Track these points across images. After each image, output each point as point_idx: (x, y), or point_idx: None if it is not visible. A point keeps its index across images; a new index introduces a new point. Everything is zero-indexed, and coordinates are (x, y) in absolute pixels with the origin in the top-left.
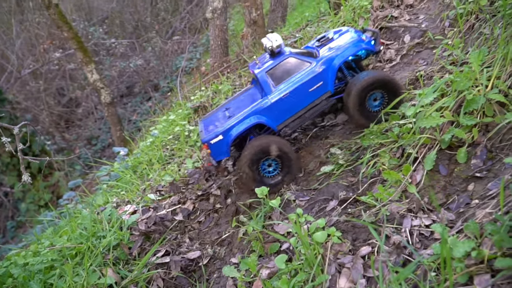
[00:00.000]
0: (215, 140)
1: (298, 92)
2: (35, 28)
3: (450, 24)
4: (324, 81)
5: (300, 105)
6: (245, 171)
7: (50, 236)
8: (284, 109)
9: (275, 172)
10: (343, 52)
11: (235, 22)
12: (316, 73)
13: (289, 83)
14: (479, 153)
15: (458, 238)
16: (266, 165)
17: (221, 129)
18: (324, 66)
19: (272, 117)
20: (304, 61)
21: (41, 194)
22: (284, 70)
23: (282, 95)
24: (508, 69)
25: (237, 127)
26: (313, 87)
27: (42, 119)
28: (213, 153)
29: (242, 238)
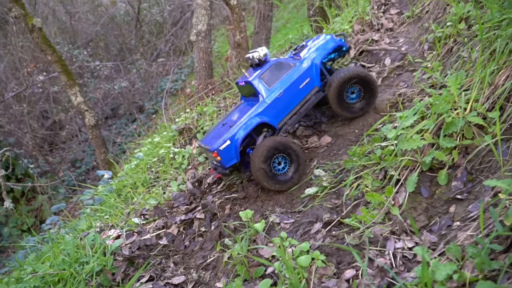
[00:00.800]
0: (223, 146)
1: (291, 90)
2: (19, 51)
3: (429, 47)
4: (311, 77)
5: (294, 102)
6: (258, 171)
7: (32, 263)
8: (281, 107)
9: (285, 169)
10: (322, 50)
11: (219, 44)
12: (302, 71)
13: (281, 84)
14: (459, 175)
15: (440, 261)
16: (276, 163)
17: (227, 135)
18: (308, 64)
19: (272, 116)
20: (290, 63)
21: (24, 219)
22: (274, 73)
23: (277, 95)
24: (485, 92)
25: (241, 130)
26: (302, 83)
27: (26, 142)
28: (223, 159)
29: (227, 262)
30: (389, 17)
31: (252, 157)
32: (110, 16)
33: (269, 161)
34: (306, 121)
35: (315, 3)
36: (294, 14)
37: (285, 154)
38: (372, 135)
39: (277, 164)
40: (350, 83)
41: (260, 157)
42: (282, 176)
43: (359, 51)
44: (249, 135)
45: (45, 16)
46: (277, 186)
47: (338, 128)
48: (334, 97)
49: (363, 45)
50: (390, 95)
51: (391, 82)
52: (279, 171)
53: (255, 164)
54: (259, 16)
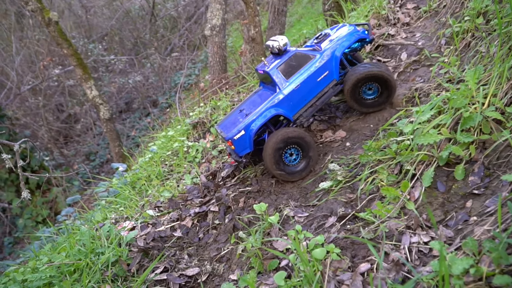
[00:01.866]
0: (238, 136)
1: (308, 82)
2: (35, 45)
3: (446, 42)
4: (330, 70)
5: (311, 95)
6: (269, 160)
7: (48, 253)
8: (297, 99)
9: (297, 160)
10: (343, 42)
11: (233, 39)
12: (321, 63)
13: (299, 76)
14: (476, 170)
15: (457, 255)
16: (288, 153)
17: (242, 125)
18: (328, 57)
19: (288, 108)
20: (310, 54)
21: (39, 210)
22: (293, 65)
23: (294, 87)
24: (504, 87)
25: (256, 121)
26: (320, 76)
27: (41, 135)
28: (237, 148)
29: (241, 255)
30: (405, 11)
31: (265, 147)
32: (125, 11)
33: (281, 151)
34: (321, 115)
35: None
36: (309, 9)
37: (297, 146)
38: (387, 130)
39: (289, 155)
40: (367, 81)
41: (273, 147)
42: (293, 167)
43: (375, 46)
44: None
45: (61, 10)
46: (287, 177)
47: (353, 122)
48: (349, 93)
49: (379, 40)
50: (406, 89)
51: (407, 77)
52: (290, 162)
53: (267, 154)
54: (273, 11)
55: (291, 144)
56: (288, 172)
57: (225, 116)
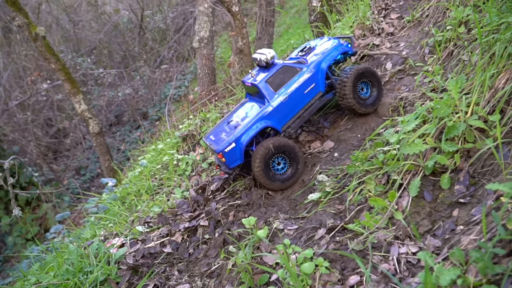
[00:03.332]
0: (229, 148)
1: (296, 94)
2: (23, 60)
3: (429, 51)
4: (316, 82)
5: (298, 106)
6: (258, 172)
7: (36, 272)
8: (286, 111)
9: (284, 169)
10: (329, 55)
11: (222, 50)
12: (308, 76)
13: (287, 88)
14: (462, 179)
15: (444, 266)
16: (276, 163)
17: (232, 137)
18: (314, 69)
19: (276, 120)
20: (297, 67)
21: (28, 227)
22: (280, 77)
23: (282, 99)
24: (486, 96)
25: (246, 133)
26: (307, 89)
27: (30, 150)
28: (228, 160)
29: (231, 270)
30: (389, 21)
31: (253, 157)
32: (113, 24)
33: (269, 160)
34: (309, 126)
35: (316, 8)
36: (296, 19)
37: (284, 155)
38: (374, 140)
39: (276, 164)
40: (361, 79)
41: (261, 156)
42: (281, 176)
43: (360, 56)
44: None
45: (49, 24)
46: (275, 185)
47: (341, 133)
48: (351, 93)
49: (364, 50)
50: (392, 99)
51: (392, 86)
52: (277, 171)
53: (255, 164)
54: (261, 21)
55: (278, 153)
56: (276, 181)
57: (212, 128)
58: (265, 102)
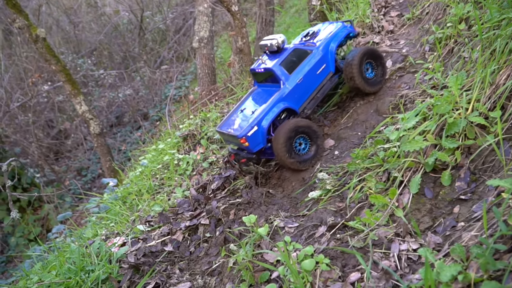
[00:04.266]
0: (251, 132)
1: (309, 76)
2: (24, 62)
3: (430, 48)
4: (327, 63)
5: (312, 87)
6: (282, 153)
7: (38, 272)
8: (301, 92)
9: (306, 149)
10: (336, 37)
11: (222, 50)
12: (319, 57)
13: (300, 70)
14: (462, 176)
15: (445, 262)
16: (297, 143)
17: (254, 121)
18: (324, 51)
19: (293, 101)
20: (307, 50)
21: (31, 228)
22: (293, 60)
23: (297, 81)
24: (486, 92)
25: (267, 116)
26: (319, 69)
27: (31, 151)
28: (251, 144)
29: (232, 268)
30: (389, 19)
31: (276, 138)
32: (113, 25)
33: (291, 140)
34: None
35: (315, 7)
36: (296, 18)
37: (305, 135)
38: (374, 137)
39: (298, 144)
40: (365, 59)
41: (284, 136)
42: (303, 156)
43: None
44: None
45: (49, 26)
46: (298, 165)
47: (341, 131)
48: (357, 73)
49: None
50: (392, 96)
51: (393, 84)
52: (300, 151)
53: (279, 144)
54: (261, 21)
55: (300, 134)
56: (299, 161)
57: (224, 119)
58: (281, 85)
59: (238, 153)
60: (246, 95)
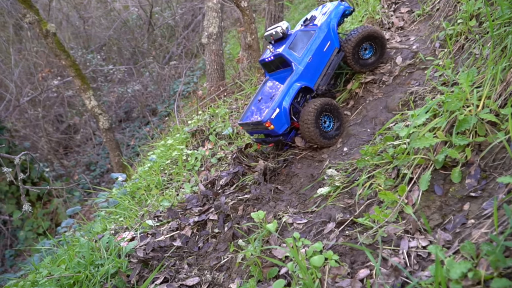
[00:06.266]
0: (274, 114)
1: (317, 54)
2: (34, 57)
3: (440, 45)
4: (331, 40)
5: (322, 64)
6: (309, 129)
7: (48, 265)
8: (313, 70)
9: (331, 126)
10: (334, 14)
11: (231, 46)
12: (323, 35)
13: (308, 49)
14: (473, 173)
15: (455, 259)
16: (323, 121)
17: (275, 104)
18: (326, 29)
19: (308, 79)
20: (311, 31)
21: (40, 222)
22: (300, 42)
23: (308, 60)
24: (497, 89)
25: (286, 97)
26: (325, 47)
27: (41, 146)
28: (276, 126)
29: (241, 263)
30: (399, 15)
31: (303, 119)
32: (122, 21)
33: (317, 119)
34: None
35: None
36: (305, 14)
37: (329, 113)
38: (384, 134)
39: (323, 122)
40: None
41: (311, 115)
42: (329, 133)
43: None
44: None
45: (59, 21)
46: (325, 141)
47: (350, 127)
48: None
49: None
50: (402, 93)
51: (402, 80)
52: (325, 128)
53: (307, 124)
54: (269, 17)
55: (324, 112)
56: (328, 137)
57: (244, 112)
58: (293, 67)
59: (265, 140)
60: (260, 86)
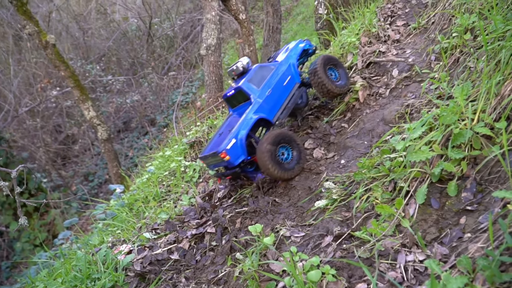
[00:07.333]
0: (230, 145)
1: (277, 88)
2: (33, 67)
3: (436, 58)
4: (291, 75)
5: (282, 98)
6: (265, 163)
7: (44, 279)
8: (273, 103)
9: (289, 159)
10: (294, 51)
11: (230, 57)
12: (283, 70)
13: (268, 83)
14: (469, 186)
15: (452, 274)
16: (280, 153)
17: (231, 135)
18: (286, 64)
19: (267, 111)
20: (271, 66)
21: (37, 233)
22: (260, 76)
23: (267, 93)
24: (492, 103)
25: (243, 128)
26: (285, 81)
27: (39, 156)
28: (232, 157)
29: (238, 277)
30: (395, 28)
31: (259, 152)
32: (122, 32)
33: (275, 152)
34: (316, 133)
35: (322, 16)
36: (303, 26)
37: (288, 144)
38: (381, 147)
39: (281, 154)
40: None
41: (267, 149)
42: (286, 165)
43: (366, 63)
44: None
45: (59, 32)
46: (282, 173)
47: (347, 140)
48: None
49: (371, 57)
50: (399, 106)
51: (399, 93)
52: (284, 160)
53: (263, 157)
54: (268, 28)
55: (280, 144)
56: (287, 169)
57: (205, 146)
58: (252, 99)
59: (224, 173)
60: (223, 123)
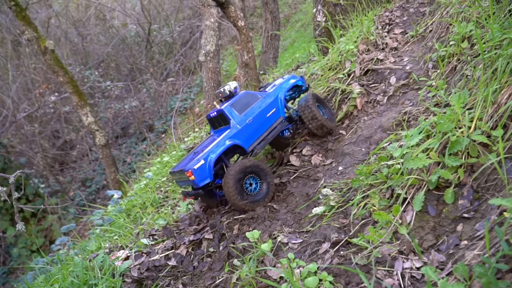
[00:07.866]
0: (198, 165)
1: (259, 118)
2: (31, 73)
3: (433, 66)
4: (277, 108)
5: (262, 128)
6: (232, 193)
7: (41, 285)
8: (251, 132)
9: (257, 188)
10: (284, 86)
11: (228, 63)
12: (269, 101)
13: (251, 111)
14: (465, 194)
15: (448, 281)
16: (248, 184)
17: (201, 156)
18: (274, 97)
19: (243, 139)
20: (258, 95)
21: (34, 239)
22: (244, 103)
23: (247, 121)
24: (489, 111)
25: (214, 151)
26: (269, 113)
27: (37, 162)
28: (197, 178)
29: (236, 284)
30: (393, 36)
31: (225, 181)
32: (121, 38)
33: (241, 182)
34: (314, 139)
35: (320, 23)
36: (301, 33)
37: (255, 175)
38: (378, 154)
39: (249, 185)
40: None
41: (233, 178)
42: (254, 196)
43: (364, 71)
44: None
45: (58, 38)
46: (243, 204)
47: (345, 146)
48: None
49: (368, 64)
50: (396, 113)
51: (396, 100)
52: (251, 191)
53: (229, 187)
54: (266, 35)
55: (249, 174)
56: (252, 201)
57: (178, 162)
58: (231, 124)
59: (188, 193)
60: (202, 141)
